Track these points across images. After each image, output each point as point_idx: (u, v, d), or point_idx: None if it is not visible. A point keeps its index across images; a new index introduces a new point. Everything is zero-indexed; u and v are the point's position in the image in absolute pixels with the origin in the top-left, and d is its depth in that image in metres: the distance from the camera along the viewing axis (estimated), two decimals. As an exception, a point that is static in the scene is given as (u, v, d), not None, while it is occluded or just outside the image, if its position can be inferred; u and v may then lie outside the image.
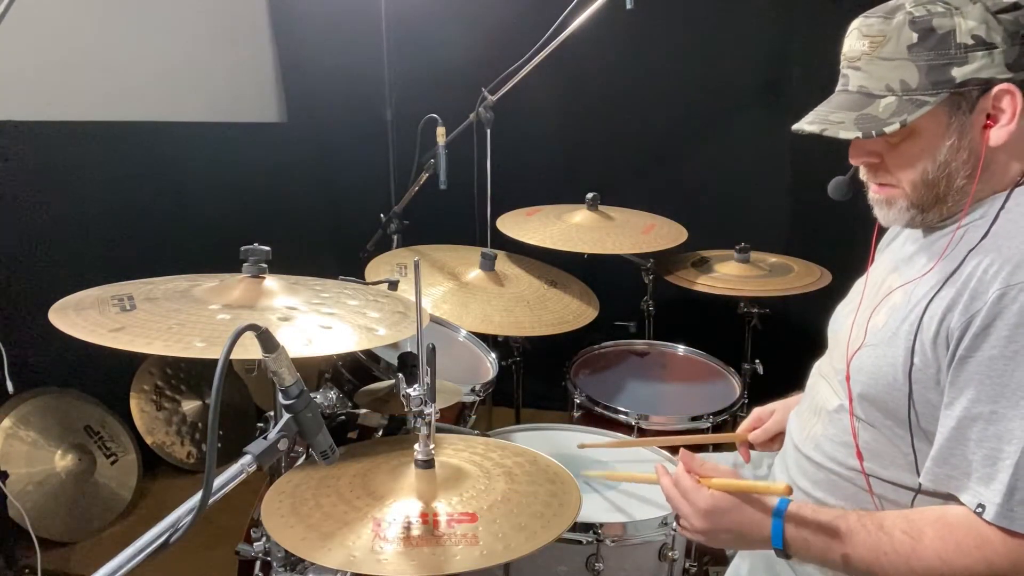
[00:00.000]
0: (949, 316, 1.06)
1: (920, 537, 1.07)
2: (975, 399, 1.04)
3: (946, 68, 1.08)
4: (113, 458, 2.62)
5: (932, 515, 1.10)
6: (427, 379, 1.21)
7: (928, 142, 1.11)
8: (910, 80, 1.09)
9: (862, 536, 1.10)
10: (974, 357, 1.03)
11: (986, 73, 1.07)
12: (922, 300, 1.10)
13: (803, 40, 2.78)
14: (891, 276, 1.24)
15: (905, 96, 1.10)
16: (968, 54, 1.07)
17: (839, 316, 1.38)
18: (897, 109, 1.10)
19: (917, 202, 1.15)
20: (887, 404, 1.15)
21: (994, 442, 1.02)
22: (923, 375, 1.10)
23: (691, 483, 1.20)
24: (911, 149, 1.13)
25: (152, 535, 0.89)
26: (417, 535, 1.12)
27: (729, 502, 1.17)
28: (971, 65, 1.07)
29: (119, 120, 2.73)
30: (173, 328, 1.16)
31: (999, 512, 1.01)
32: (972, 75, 1.07)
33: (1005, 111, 1.08)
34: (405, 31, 3.08)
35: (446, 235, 2.48)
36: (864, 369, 1.19)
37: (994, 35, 1.06)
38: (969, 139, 1.10)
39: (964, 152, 1.11)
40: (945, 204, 1.15)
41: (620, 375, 2.30)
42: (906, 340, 1.11)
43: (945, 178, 1.12)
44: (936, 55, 1.08)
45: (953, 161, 1.11)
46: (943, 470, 1.08)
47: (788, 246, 2.68)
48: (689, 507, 1.19)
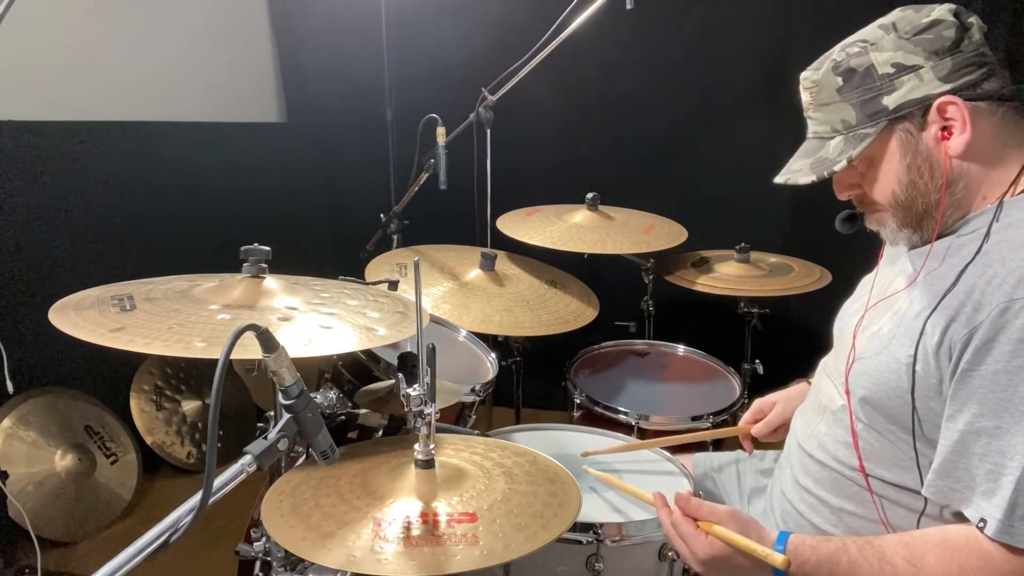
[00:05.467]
0: (952, 327, 1.06)
1: (923, 564, 1.07)
2: (979, 413, 1.03)
3: (876, 99, 1.14)
4: (113, 458, 2.62)
5: (933, 539, 1.10)
6: (427, 379, 1.21)
7: (888, 167, 1.17)
8: (849, 118, 1.17)
9: (864, 568, 1.10)
10: (977, 371, 1.03)
11: (919, 93, 1.12)
12: (925, 309, 1.11)
13: (803, 40, 2.77)
14: (897, 279, 1.25)
15: (849, 133, 1.18)
16: (894, 81, 1.13)
17: (845, 316, 1.38)
18: (844, 147, 1.17)
19: (903, 222, 1.20)
20: (890, 410, 1.15)
21: (997, 457, 1.02)
22: (926, 383, 1.10)
23: (690, 529, 1.20)
24: (876, 176, 1.19)
25: (152, 535, 0.89)
26: (417, 535, 1.11)
27: (727, 551, 1.17)
28: (900, 90, 1.13)
29: (119, 120, 2.73)
30: (173, 328, 1.16)
31: (1000, 528, 1.01)
32: (904, 98, 1.13)
33: (955, 120, 1.12)
34: (405, 31, 3.08)
35: (446, 235, 2.48)
36: (867, 374, 1.19)
37: (914, 57, 1.12)
38: (926, 155, 1.14)
39: (926, 169, 1.15)
40: (931, 218, 1.17)
41: (620, 375, 2.29)
42: (909, 348, 1.11)
43: (917, 195, 1.17)
44: (864, 91, 1.15)
45: (919, 180, 1.15)
46: (946, 483, 1.08)
47: (788, 246, 2.68)
48: (688, 552, 1.21)
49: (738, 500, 1.61)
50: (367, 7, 3.06)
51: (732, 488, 1.64)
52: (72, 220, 2.60)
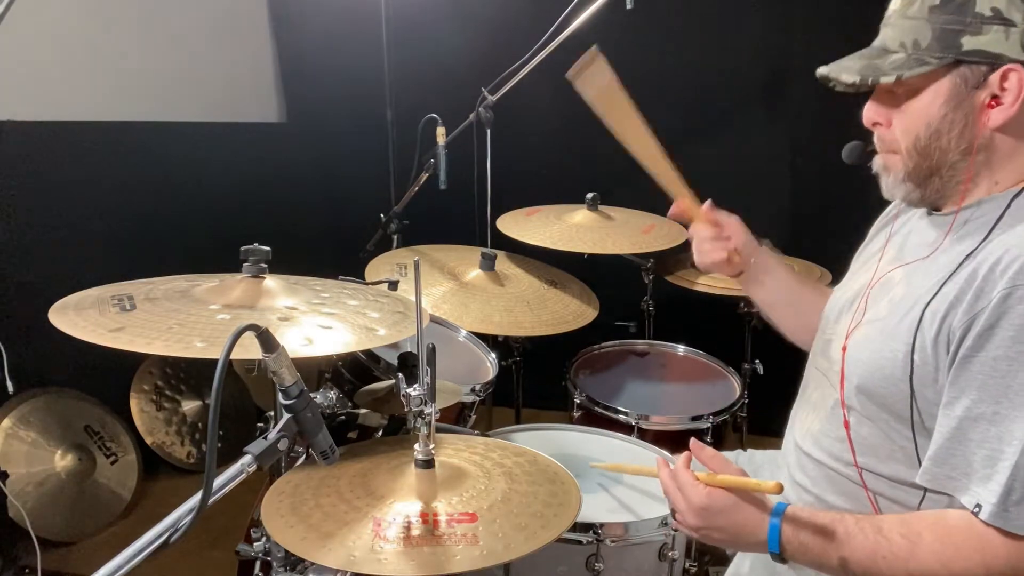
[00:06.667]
0: (951, 315, 1.05)
1: (918, 540, 1.06)
2: (978, 399, 1.03)
3: (957, 35, 1.07)
4: (113, 458, 2.62)
5: (930, 518, 1.09)
6: (427, 379, 1.21)
7: (925, 106, 1.12)
8: (921, 40, 1.10)
9: (859, 540, 1.09)
10: (977, 357, 1.03)
11: (997, 48, 1.06)
12: (923, 296, 1.10)
13: (803, 40, 2.78)
14: (894, 263, 1.23)
15: (913, 54, 1.10)
16: (983, 25, 1.06)
17: (837, 301, 1.35)
18: (900, 65, 1.11)
19: (912, 170, 1.16)
20: (885, 399, 1.14)
21: (995, 443, 1.02)
22: (922, 371, 1.09)
23: (689, 478, 1.18)
24: (910, 110, 1.13)
25: (152, 535, 0.89)
26: (417, 535, 1.12)
27: (725, 501, 1.15)
28: (983, 36, 1.06)
29: (119, 120, 2.73)
30: (173, 328, 1.16)
31: (994, 512, 1.01)
32: (981, 47, 1.06)
33: (1009, 92, 1.07)
34: (405, 31, 3.08)
35: (446, 235, 2.48)
36: (862, 360, 1.18)
37: (1015, 12, 1.05)
38: (965, 114, 1.10)
39: (958, 126, 1.10)
40: (940, 178, 1.14)
41: (620, 375, 2.30)
42: (907, 335, 1.10)
43: (938, 149, 1.12)
44: (952, 20, 1.07)
45: (946, 133, 1.11)
46: (942, 470, 1.08)
47: (788, 246, 2.68)
48: (684, 503, 1.18)
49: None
50: (367, 7, 3.06)
51: None
52: (72, 220, 2.60)
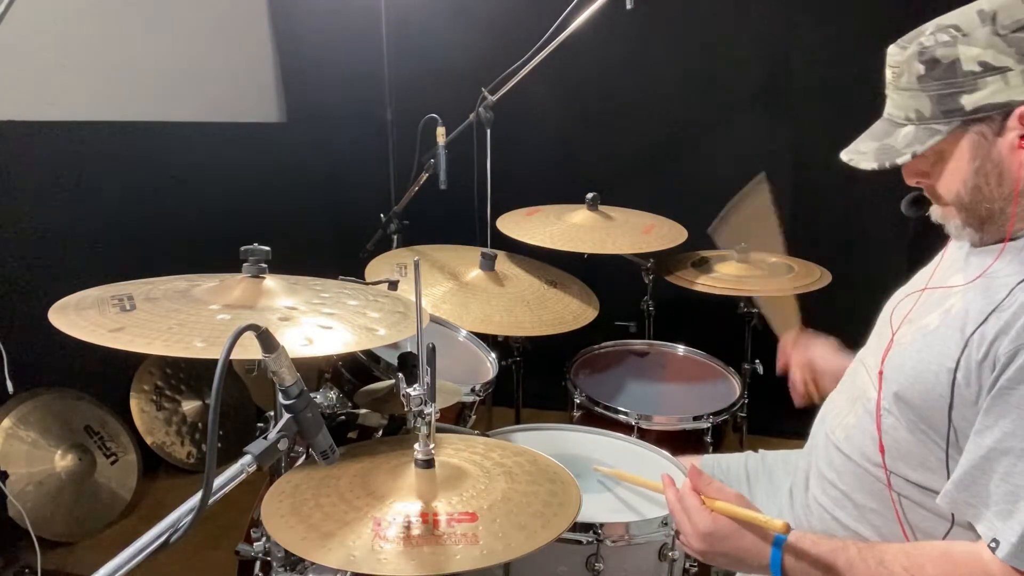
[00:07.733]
0: (999, 341, 1.04)
1: (920, 573, 1.06)
2: (1010, 432, 1.02)
3: (955, 97, 1.07)
4: (113, 458, 2.62)
5: (936, 551, 1.09)
6: (427, 379, 1.21)
7: (956, 166, 1.12)
8: (924, 110, 1.10)
9: (861, 570, 1.09)
10: (1017, 389, 1.01)
11: (1001, 97, 1.06)
12: (976, 317, 1.09)
13: (803, 40, 2.78)
14: (957, 275, 1.21)
15: (921, 125, 1.11)
16: (977, 81, 1.06)
17: (898, 305, 1.32)
18: (912, 139, 1.11)
19: (966, 221, 1.16)
20: (923, 410, 1.13)
21: (1020, 479, 1.01)
22: (964, 391, 1.08)
23: (695, 502, 1.20)
24: (943, 172, 1.14)
25: (152, 535, 0.89)
26: (417, 535, 1.12)
27: (729, 528, 1.17)
28: (982, 91, 1.06)
29: (119, 120, 2.73)
30: (173, 328, 1.16)
31: (1012, 552, 1.00)
32: (985, 101, 1.06)
33: None
34: (405, 31, 3.08)
35: (446, 235, 2.48)
36: (904, 369, 1.17)
37: (1004, 59, 1.05)
38: (997, 162, 1.09)
39: (995, 174, 1.10)
40: (995, 224, 1.14)
41: (620, 375, 2.29)
42: (954, 352, 1.09)
43: (983, 201, 1.12)
44: (944, 84, 1.08)
45: (984, 186, 1.11)
46: (962, 496, 1.07)
47: (788, 246, 2.68)
48: (690, 526, 1.20)
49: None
50: (367, 7, 3.06)
51: (741, 490, 1.63)
52: (72, 220, 2.60)
